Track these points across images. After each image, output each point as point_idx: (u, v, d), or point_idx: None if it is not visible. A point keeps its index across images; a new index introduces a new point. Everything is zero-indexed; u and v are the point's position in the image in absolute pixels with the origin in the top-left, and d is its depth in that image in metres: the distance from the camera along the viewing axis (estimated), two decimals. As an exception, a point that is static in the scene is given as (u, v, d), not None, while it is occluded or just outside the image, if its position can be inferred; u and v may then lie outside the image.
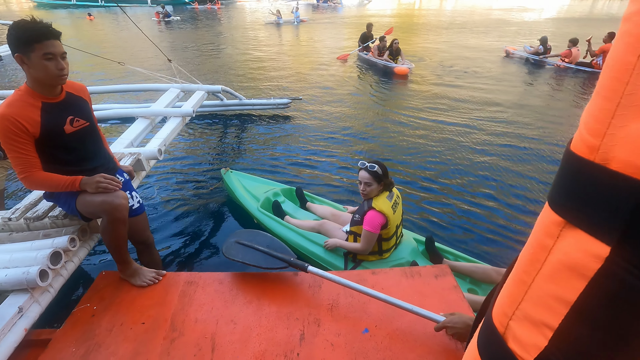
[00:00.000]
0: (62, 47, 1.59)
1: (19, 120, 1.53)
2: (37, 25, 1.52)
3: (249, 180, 3.28)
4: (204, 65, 9.40)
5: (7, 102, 1.56)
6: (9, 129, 1.52)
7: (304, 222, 2.69)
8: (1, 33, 13.31)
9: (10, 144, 1.54)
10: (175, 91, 4.17)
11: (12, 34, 1.51)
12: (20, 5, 32.66)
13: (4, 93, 4.59)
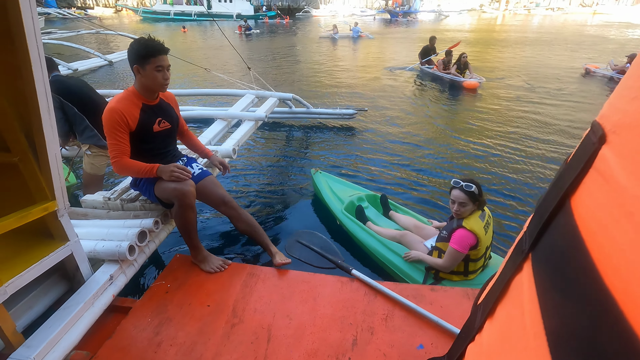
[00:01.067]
0: (168, 61, 1.89)
1: (124, 114, 1.83)
2: (153, 43, 1.82)
3: (337, 182, 3.37)
4: (276, 74, 9.94)
5: (117, 98, 1.87)
6: (115, 119, 1.82)
7: (386, 230, 2.65)
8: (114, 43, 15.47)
9: (112, 132, 1.83)
10: (250, 97, 4.47)
11: (134, 49, 1.82)
12: (130, 18, 37.69)
13: (114, 92, 5.34)
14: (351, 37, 19.22)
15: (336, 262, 2.00)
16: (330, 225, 3.06)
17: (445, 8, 51.23)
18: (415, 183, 3.91)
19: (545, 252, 0.43)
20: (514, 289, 0.50)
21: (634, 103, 0.37)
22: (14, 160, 1.44)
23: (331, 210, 3.01)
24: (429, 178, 4.03)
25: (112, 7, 48.61)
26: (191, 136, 2.35)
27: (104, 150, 2.90)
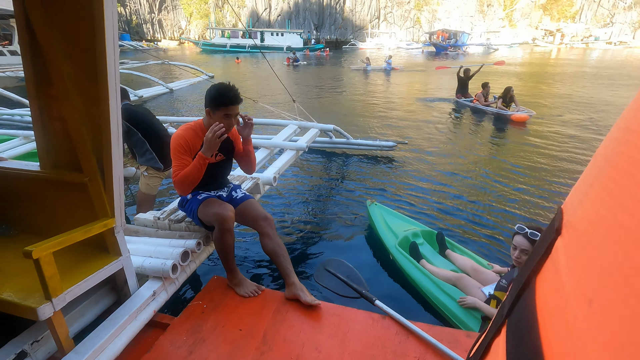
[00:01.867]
0: (238, 110, 2.06)
1: (188, 142, 2.03)
2: (228, 93, 1.99)
3: (392, 215, 3.31)
4: (318, 104, 10.27)
5: (185, 127, 2.08)
6: (180, 144, 2.02)
7: (441, 270, 2.53)
8: (175, 73, 16.96)
9: (177, 155, 2.02)
10: (293, 127, 4.66)
11: (211, 93, 2.01)
12: (191, 50, 41.26)
13: (170, 118, 5.81)
14: (384, 70, 19.46)
15: (360, 292, 2.00)
16: (383, 260, 3.01)
17: (495, 41, 50.56)
18: (472, 220, 3.75)
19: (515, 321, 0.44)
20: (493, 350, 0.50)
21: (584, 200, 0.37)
22: (85, 180, 1.63)
23: (384, 244, 2.95)
24: (487, 214, 3.87)
25: (177, 39, 53.57)
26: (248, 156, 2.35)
27: (158, 173, 3.15)
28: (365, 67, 19.95)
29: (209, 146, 1.95)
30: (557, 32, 52.73)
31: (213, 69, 18.20)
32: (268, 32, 42.79)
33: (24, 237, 1.93)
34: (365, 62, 20.38)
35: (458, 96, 10.19)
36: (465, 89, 10.15)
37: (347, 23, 56.21)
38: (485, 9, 61.09)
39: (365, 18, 57.10)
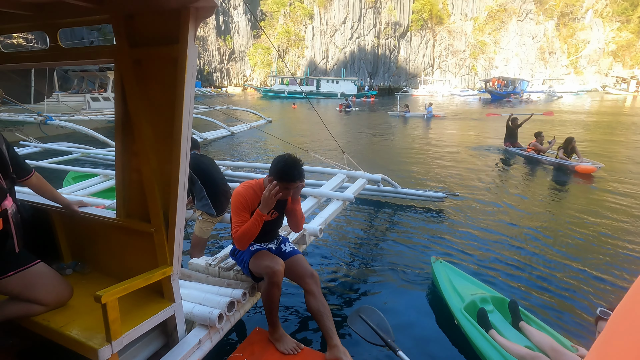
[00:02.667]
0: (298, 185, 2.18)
1: (247, 200, 2.19)
2: (293, 171, 2.12)
3: (458, 275, 3.12)
4: (366, 150, 10.42)
5: (246, 186, 2.25)
6: (240, 202, 2.19)
7: (513, 345, 2.26)
8: (237, 117, 18.42)
9: (237, 211, 2.19)
10: (341, 176, 4.78)
11: (278, 165, 2.13)
12: (252, 96, 44.80)
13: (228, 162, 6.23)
14: (424, 117, 19.22)
15: (386, 341, 2.16)
16: (445, 322, 2.81)
17: (559, 89, 48.40)
18: (545, 287, 3.39)
19: None
20: None
21: None
22: (152, 230, 1.83)
23: (449, 306, 2.77)
24: (564, 276, 3.54)
25: (241, 86, 58.62)
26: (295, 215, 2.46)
27: (211, 218, 3.39)
28: (404, 114, 19.94)
29: (266, 204, 2.08)
30: (632, 80, 49.15)
31: (271, 114, 19.47)
32: (324, 79, 45.29)
33: (95, 275, 2.17)
34: (404, 109, 20.39)
35: (507, 144, 9.87)
36: (514, 137, 9.86)
37: (400, 71, 57.73)
38: (546, 57, 59.39)
39: (419, 66, 58.27)
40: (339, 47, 55.27)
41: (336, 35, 55.62)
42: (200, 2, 1.44)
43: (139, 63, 1.68)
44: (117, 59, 1.68)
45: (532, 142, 8.86)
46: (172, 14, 1.51)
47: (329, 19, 55.93)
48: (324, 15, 56.30)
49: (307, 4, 59.10)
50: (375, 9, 55.08)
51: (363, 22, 54.66)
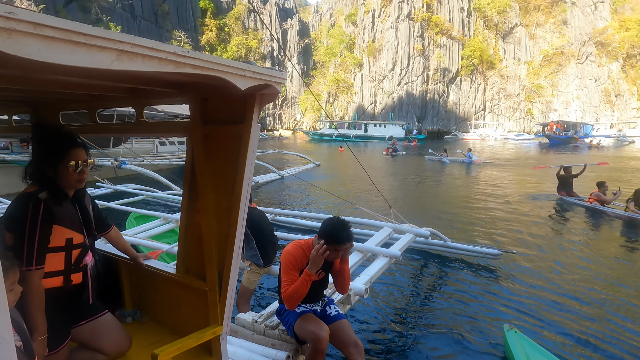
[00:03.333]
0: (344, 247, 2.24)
1: (297, 260, 2.27)
2: (342, 233, 2.20)
3: (536, 351, 2.87)
4: (413, 198, 10.19)
5: (295, 245, 2.35)
6: (290, 261, 2.27)
7: None
8: (289, 160, 19.22)
9: (286, 270, 2.26)
10: (388, 230, 4.72)
11: (326, 228, 2.23)
12: (301, 139, 46.68)
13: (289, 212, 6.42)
14: (465, 163, 18.55)
15: None
16: None
17: (630, 133, 44.57)
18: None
19: None
20: None
21: None
22: (206, 289, 1.94)
23: None
24: None
25: (291, 129, 61.52)
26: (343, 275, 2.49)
27: (259, 269, 3.50)
28: (441, 158, 19.42)
29: (314, 263, 2.14)
30: None
31: (319, 157, 20.05)
32: (372, 123, 46.15)
33: (151, 325, 2.31)
34: (442, 153, 19.87)
35: (562, 194, 9.16)
36: (569, 186, 9.23)
37: (450, 114, 57.16)
38: (612, 99, 55.60)
39: (470, 110, 57.35)
40: (387, 92, 56.58)
41: (384, 81, 57.22)
42: (265, 90, 1.63)
43: (208, 137, 1.90)
44: (190, 133, 1.92)
45: (595, 192, 8.16)
46: (240, 98, 1.72)
47: (378, 67, 57.99)
48: (373, 64, 58.58)
49: (356, 54, 62.14)
50: (424, 56, 56.28)
51: (411, 68, 55.88)
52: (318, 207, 9.44)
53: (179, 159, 14.56)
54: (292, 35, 68.30)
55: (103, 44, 0.87)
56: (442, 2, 58.04)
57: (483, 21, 60.23)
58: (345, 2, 73.69)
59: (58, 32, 0.78)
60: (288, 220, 6.44)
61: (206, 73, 1.20)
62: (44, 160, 1.73)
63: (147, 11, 54.69)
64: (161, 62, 1.03)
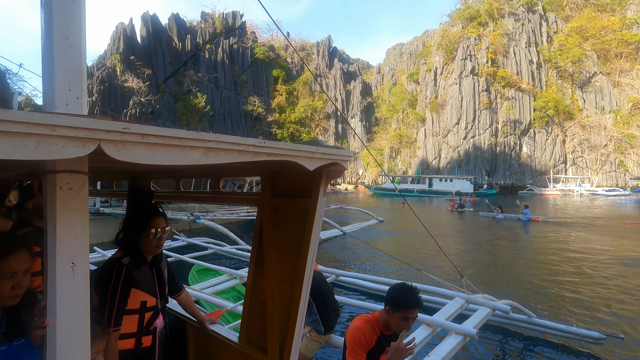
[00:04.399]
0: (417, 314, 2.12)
1: (366, 337, 2.14)
2: (410, 297, 2.10)
3: None
4: (486, 262, 9.22)
5: (363, 320, 2.22)
6: (359, 338, 2.13)
7: None
8: (351, 215, 19.15)
9: (353, 348, 2.12)
10: (460, 301, 4.28)
11: (393, 295, 2.14)
12: (363, 193, 46.65)
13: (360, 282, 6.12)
14: (521, 220, 17.18)
15: None
16: None
17: None
18: None
19: None
20: None
21: None
22: (267, 362, 1.90)
23: None
24: None
25: (353, 184, 62.09)
26: None
27: (319, 336, 3.35)
28: (496, 215, 18.55)
29: (397, 355, 1.96)
30: None
31: (382, 212, 19.66)
32: (436, 178, 44.69)
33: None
34: (497, 209, 18.94)
35: None
36: None
37: (524, 168, 53.17)
38: None
39: (547, 163, 52.86)
40: (452, 146, 55.14)
41: (449, 135, 56.13)
42: (332, 167, 1.68)
43: (276, 209, 1.98)
44: (260, 205, 2.03)
45: None
46: (308, 173, 1.80)
47: (442, 121, 57.47)
48: (436, 118, 58.30)
49: (419, 110, 62.68)
50: (491, 109, 54.64)
51: (478, 122, 54.31)
52: (381, 269, 9.04)
53: (247, 214, 15.35)
54: (355, 95, 71.89)
55: (194, 144, 0.99)
56: (507, 57, 57.20)
57: (556, 72, 57.51)
58: (407, 62, 76.52)
59: (160, 139, 0.91)
60: (350, 282, 6.23)
61: (279, 159, 1.28)
62: (131, 227, 1.93)
63: (228, 81, 62.44)
64: (241, 153, 1.13)
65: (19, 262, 1.27)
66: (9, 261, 1.25)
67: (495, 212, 18.98)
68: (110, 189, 3.30)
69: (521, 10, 59.33)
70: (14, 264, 1.26)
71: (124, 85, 46.72)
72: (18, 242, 1.32)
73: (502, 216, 18.39)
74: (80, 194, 1.00)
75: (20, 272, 1.28)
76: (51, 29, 1.01)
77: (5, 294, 1.25)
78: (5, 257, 1.24)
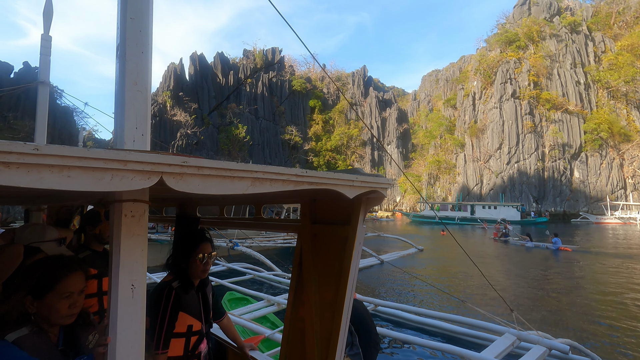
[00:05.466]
0: None
1: None
2: None
3: None
4: (537, 298, 8.47)
5: None
6: None
7: None
8: (387, 244, 18.67)
9: None
10: (510, 338, 3.97)
11: None
12: (401, 220, 45.45)
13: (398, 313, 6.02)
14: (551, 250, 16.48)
15: None
16: None
17: None
18: None
19: None
20: None
21: None
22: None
23: None
24: None
25: (391, 211, 60.78)
26: None
27: (361, 371, 3.22)
28: (525, 243, 18.12)
29: None
30: None
31: (421, 241, 18.97)
32: (479, 205, 42.69)
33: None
34: (525, 238, 18.60)
35: None
36: None
37: (577, 194, 49.38)
38: None
39: (604, 189, 48.77)
40: (494, 172, 52.75)
41: (491, 160, 53.92)
42: (372, 195, 1.71)
43: (315, 236, 2.02)
44: (300, 232, 2.07)
45: None
46: (347, 201, 1.83)
47: (482, 146, 55.53)
48: (476, 143, 56.46)
49: (457, 135, 61.20)
50: (536, 133, 52.09)
51: (522, 146, 51.84)
52: (422, 300, 8.63)
53: (284, 241, 15.47)
54: (391, 122, 71.91)
55: (242, 175, 1.07)
56: (551, 79, 54.95)
57: (607, 92, 54.16)
58: (443, 88, 75.86)
59: (212, 171, 1.00)
60: (390, 312, 6.00)
61: (320, 187, 1.33)
62: (180, 252, 2.04)
63: (267, 113, 65.23)
64: (284, 183, 1.20)
65: (75, 282, 1.37)
66: (66, 282, 1.34)
67: (524, 240, 18.72)
68: (160, 215, 3.52)
69: (564, 32, 57.37)
70: (71, 285, 1.35)
71: (172, 119, 50.31)
72: (74, 264, 1.42)
73: (531, 244, 18.10)
74: (141, 221, 1.10)
75: (76, 292, 1.37)
76: (124, 76, 1.16)
77: (62, 312, 1.33)
78: (63, 278, 1.34)
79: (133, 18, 1.17)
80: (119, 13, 1.21)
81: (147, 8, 1.23)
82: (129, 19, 1.16)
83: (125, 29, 1.15)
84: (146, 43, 1.18)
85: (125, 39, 1.15)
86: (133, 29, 1.16)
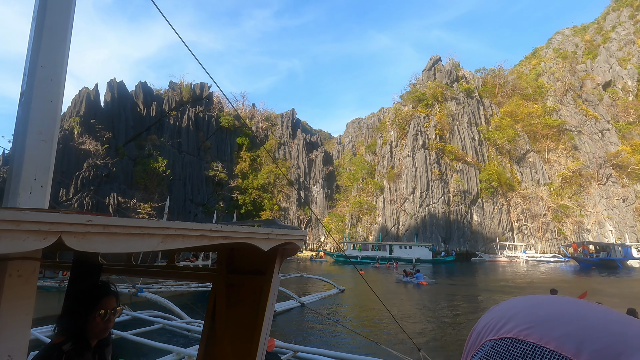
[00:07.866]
0: None
1: None
2: None
3: None
4: (447, 334, 9.19)
5: None
6: None
7: None
8: (308, 285, 18.54)
9: None
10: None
11: None
12: (327, 260, 45.81)
13: None
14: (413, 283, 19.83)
15: None
16: None
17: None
18: None
19: None
20: None
21: None
22: None
23: None
24: None
25: (315, 251, 61.11)
26: None
27: None
28: (402, 278, 21.31)
29: None
30: None
31: (342, 281, 19.29)
32: (397, 245, 45.44)
33: None
34: (402, 273, 22.25)
35: None
36: None
37: (476, 235, 55.88)
38: (647, 219, 53.43)
39: (496, 231, 56.12)
40: (409, 214, 57.33)
41: (406, 203, 58.66)
42: (287, 246, 1.78)
43: (231, 286, 1.99)
44: (215, 282, 2.02)
45: None
46: (263, 252, 1.87)
47: (399, 190, 60.40)
48: (394, 187, 61.26)
49: (377, 179, 65.83)
50: (442, 180, 58.73)
51: (431, 191, 57.72)
52: (342, 343, 8.65)
53: (199, 284, 14.39)
54: (317, 163, 74.59)
55: (152, 232, 1.06)
56: (453, 134, 63.50)
57: (495, 148, 64.24)
58: (365, 135, 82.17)
59: (120, 229, 0.98)
60: (309, 358, 5.89)
61: (235, 241, 1.37)
62: (76, 307, 1.81)
63: (191, 147, 62.67)
64: (198, 238, 1.21)
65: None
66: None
67: (400, 275, 22.16)
68: (52, 260, 3.09)
69: (461, 96, 67.68)
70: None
71: (79, 147, 45.21)
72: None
73: (407, 279, 21.17)
74: (29, 281, 1.00)
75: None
76: (26, 124, 1.09)
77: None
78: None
79: (44, 67, 1.13)
80: (28, 59, 1.15)
81: (62, 56, 1.19)
82: (40, 67, 1.12)
83: (35, 78, 1.10)
84: (57, 92, 1.14)
85: (32, 87, 1.10)
86: (43, 78, 1.12)
